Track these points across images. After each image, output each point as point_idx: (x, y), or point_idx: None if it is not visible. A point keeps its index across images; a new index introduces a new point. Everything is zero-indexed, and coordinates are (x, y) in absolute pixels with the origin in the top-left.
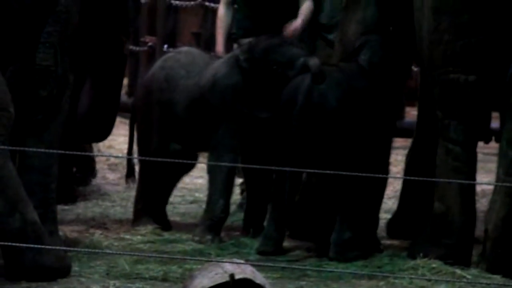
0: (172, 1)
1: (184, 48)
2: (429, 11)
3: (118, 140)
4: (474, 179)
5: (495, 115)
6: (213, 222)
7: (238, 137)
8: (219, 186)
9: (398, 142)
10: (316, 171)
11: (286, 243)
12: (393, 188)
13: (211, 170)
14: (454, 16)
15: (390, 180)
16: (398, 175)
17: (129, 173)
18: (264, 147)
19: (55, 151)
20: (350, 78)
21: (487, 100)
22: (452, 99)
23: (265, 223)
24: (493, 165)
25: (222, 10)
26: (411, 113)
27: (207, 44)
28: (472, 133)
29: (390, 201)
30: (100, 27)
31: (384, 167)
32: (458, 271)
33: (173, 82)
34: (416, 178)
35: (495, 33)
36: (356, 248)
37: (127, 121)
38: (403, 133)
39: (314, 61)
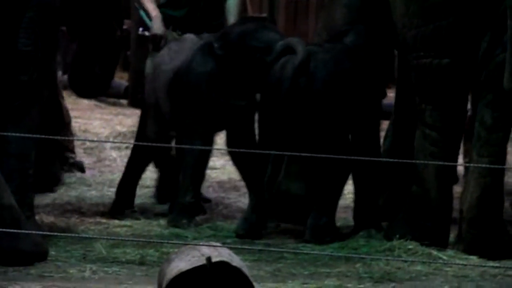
0: None
1: (186, 35)
2: None
3: (94, 124)
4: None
5: None
6: (185, 207)
7: (210, 123)
8: (189, 172)
9: None
10: (297, 153)
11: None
12: None
13: (184, 156)
14: (423, 0)
15: None
16: None
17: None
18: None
19: (33, 135)
20: (336, 58)
21: (463, 83)
22: (427, 84)
23: None
24: None
25: None
26: (389, 95)
27: None
28: (448, 118)
29: None
30: (93, 13)
31: (375, 148)
32: (434, 252)
33: (159, 69)
34: (396, 160)
35: (466, 15)
36: (332, 232)
37: (102, 105)
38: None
39: (300, 44)
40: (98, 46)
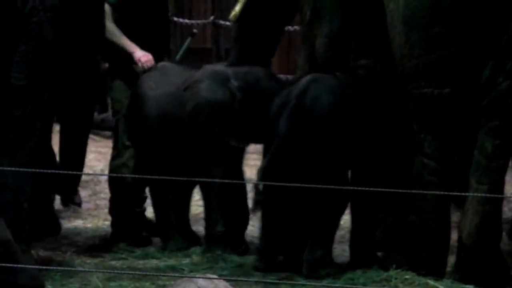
0: None
1: (161, 63)
2: (400, 25)
3: (89, 157)
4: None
5: None
6: (218, 237)
7: (225, 151)
8: (214, 203)
9: None
10: (297, 184)
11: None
12: None
13: (203, 187)
14: (425, 29)
15: None
16: None
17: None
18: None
19: (27, 169)
20: (345, 85)
21: (463, 112)
22: (426, 114)
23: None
24: None
25: None
26: None
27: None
28: (447, 147)
29: None
30: (76, 45)
31: (374, 179)
32: (431, 282)
33: (144, 97)
34: (394, 190)
35: (468, 45)
36: (328, 265)
37: (97, 138)
38: None
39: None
40: (81, 81)
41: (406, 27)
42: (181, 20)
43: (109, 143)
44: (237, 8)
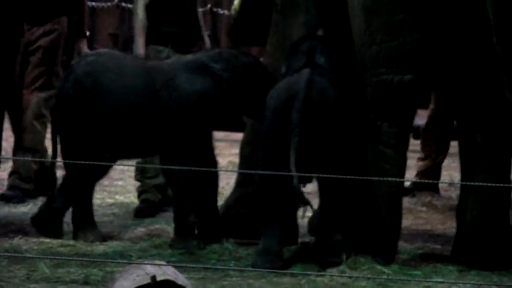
0: (89, 2)
1: (103, 50)
2: (360, 12)
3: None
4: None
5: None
6: (188, 227)
7: (193, 143)
8: (183, 193)
9: None
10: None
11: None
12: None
13: (168, 176)
14: (387, 16)
15: None
16: None
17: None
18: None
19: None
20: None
21: (420, 99)
22: (385, 101)
23: None
24: (411, 162)
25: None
26: None
27: (125, 44)
28: (403, 135)
29: None
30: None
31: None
32: (379, 268)
33: (103, 87)
34: (359, 178)
35: (431, 31)
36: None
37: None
38: None
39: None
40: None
41: (367, 14)
42: None
43: None
44: (236, 2)
